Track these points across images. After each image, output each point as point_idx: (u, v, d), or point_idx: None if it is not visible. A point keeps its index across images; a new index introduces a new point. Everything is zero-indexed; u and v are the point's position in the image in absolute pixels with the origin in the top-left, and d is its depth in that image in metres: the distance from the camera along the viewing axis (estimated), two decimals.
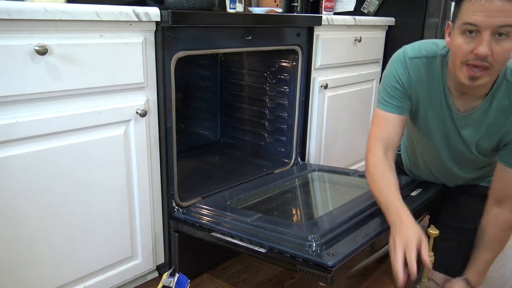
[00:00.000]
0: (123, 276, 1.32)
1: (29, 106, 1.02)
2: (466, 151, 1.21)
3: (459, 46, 0.98)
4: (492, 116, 1.11)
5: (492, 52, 0.94)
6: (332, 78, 1.83)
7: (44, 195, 1.08)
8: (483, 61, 0.95)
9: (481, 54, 0.94)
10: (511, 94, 1.07)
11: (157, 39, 1.21)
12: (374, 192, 1.18)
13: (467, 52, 0.96)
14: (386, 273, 1.53)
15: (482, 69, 0.96)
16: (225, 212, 1.28)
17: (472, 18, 0.93)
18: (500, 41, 0.93)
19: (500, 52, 0.94)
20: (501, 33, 0.93)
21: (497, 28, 0.92)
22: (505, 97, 1.07)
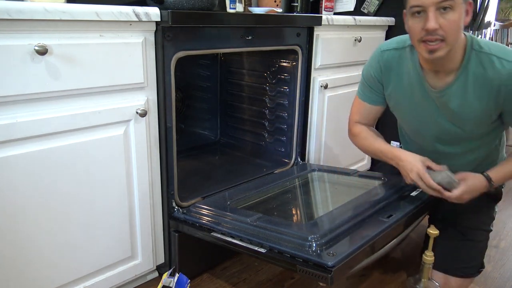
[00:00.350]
0: (123, 276, 1.32)
1: (29, 106, 1.02)
2: (455, 128, 1.23)
3: (412, 27, 1.09)
4: (471, 86, 1.15)
5: (441, 25, 1.04)
6: (332, 78, 1.83)
7: (44, 195, 1.08)
8: (435, 35, 1.05)
9: (430, 29, 1.04)
10: (483, 61, 1.12)
11: (157, 39, 1.21)
12: (365, 148, 1.40)
13: (419, 30, 1.07)
14: (386, 273, 1.53)
15: (437, 42, 1.06)
16: (225, 212, 1.28)
17: (416, 0, 1.05)
18: (445, 14, 1.03)
19: (448, 24, 1.04)
20: (445, 7, 1.03)
21: (439, 4, 1.02)
22: (479, 66, 1.13)
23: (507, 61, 1.09)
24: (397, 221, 1.18)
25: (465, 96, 1.16)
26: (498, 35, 3.75)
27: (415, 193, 1.35)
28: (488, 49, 1.12)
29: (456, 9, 1.03)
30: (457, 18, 1.04)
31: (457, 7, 1.04)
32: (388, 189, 1.38)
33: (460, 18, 1.05)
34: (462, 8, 1.05)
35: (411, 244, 1.72)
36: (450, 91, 1.17)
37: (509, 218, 1.96)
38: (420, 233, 1.47)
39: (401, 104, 1.32)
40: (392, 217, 1.19)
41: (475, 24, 2.64)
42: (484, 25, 2.81)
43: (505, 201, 2.14)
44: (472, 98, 1.16)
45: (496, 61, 1.10)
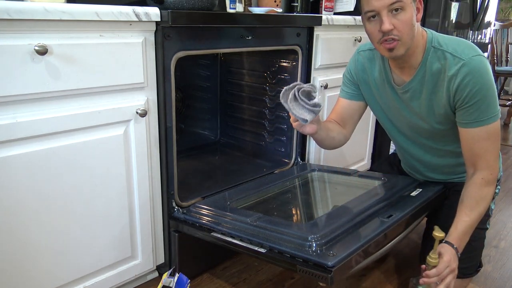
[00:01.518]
0: (123, 276, 1.32)
1: (29, 106, 1.02)
2: (423, 124, 1.27)
3: (370, 31, 1.16)
4: (429, 80, 1.20)
5: (395, 26, 1.10)
6: (332, 78, 1.83)
7: (44, 195, 1.08)
8: (390, 35, 1.12)
9: (385, 30, 1.10)
10: (440, 58, 1.17)
11: (157, 39, 1.21)
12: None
13: (377, 32, 1.13)
14: (386, 273, 1.53)
15: (394, 41, 1.12)
16: (225, 212, 1.28)
17: (369, 6, 1.11)
18: (397, 15, 1.10)
19: (401, 24, 1.10)
20: (396, 8, 1.09)
21: (390, 6, 1.09)
22: (436, 61, 1.18)
23: (459, 58, 1.13)
24: (397, 221, 1.18)
25: (424, 92, 1.22)
26: (498, 35, 3.74)
27: (415, 193, 1.35)
28: (445, 46, 1.17)
29: (406, 9, 1.10)
30: (408, 17, 1.10)
31: (407, 7, 1.10)
32: (388, 189, 1.38)
33: (411, 16, 1.11)
34: (412, 7, 1.11)
35: (411, 245, 1.72)
36: (410, 87, 1.23)
37: (509, 218, 1.96)
38: (420, 233, 1.47)
39: (375, 103, 1.39)
40: (392, 217, 1.19)
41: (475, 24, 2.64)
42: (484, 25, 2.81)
43: (505, 201, 2.14)
44: (430, 94, 1.21)
45: (450, 57, 1.15)
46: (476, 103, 1.13)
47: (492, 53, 3.63)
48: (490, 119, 1.15)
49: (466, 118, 1.17)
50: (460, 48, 1.15)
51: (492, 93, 1.14)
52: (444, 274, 1.12)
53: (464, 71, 1.12)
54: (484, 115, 1.14)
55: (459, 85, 1.13)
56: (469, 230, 1.20)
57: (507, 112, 3.73)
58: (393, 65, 1.26)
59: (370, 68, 1.34)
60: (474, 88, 1.12)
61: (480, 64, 1.12)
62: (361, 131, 2.09)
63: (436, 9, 2.15)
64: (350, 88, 1.42)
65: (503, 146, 3.08)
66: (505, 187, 2.32)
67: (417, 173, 1.47)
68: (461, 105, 1.16)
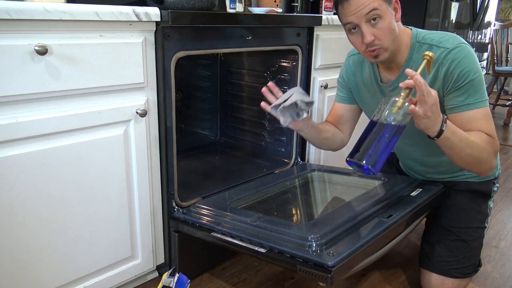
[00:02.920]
0: (123, 276, 1.32)
1: (29, 106, 1.02)
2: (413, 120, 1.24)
3: (353, 42, 1.20)
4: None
5: (375, 36, 1.12)
6: (332, 78, 1.83)
7: (44, 195, 1.08)
8: (373, 46, 1.14)
9: (368, 42, 1.13)
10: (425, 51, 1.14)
11: (157, 39, 1.21)
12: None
13: (360, 44, 1.16)
14: (386, 273, 1.53)
15: (376, 49, 1.15)
16: (225, 212, 1.28)
17: (347, 18, 1.14)
18: (376, 24, 1.11)
19: (381, 32, 1.12)
20: (374, 18, 1.10)
21: (367, 16, 1.10)
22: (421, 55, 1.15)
23: (443, 48, 1.15)
24: (397, 221, 1.18)
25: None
26: (498, 35, 3.74)
27: (415, 193, 1.35)
28: (430, 40, 1.19)
29: (383, 16, 1.11)
30: (387, 24, 1.12)
31: (384, 14, 1.11)
32: (388, 189, 1.38)
33: (389, 22, 1.12)
34: (389, 12, 1.12)
35: (410, 245, 1.72)
36: (397, 84, 1.22)
37: (509, 218, 1.96)
38: (420, 233, 1.47)
39: (366, 106, 1.40)
40: (392, 217, 1.19)
41: (475, 24, 2.64)
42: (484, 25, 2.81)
43: (505, 201, 2.14)
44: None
45: (435, 49, 1.17)
46: (464, 86, 1.13)
47: (492, 53, 3.63)
48: (480, 103, 1.14)
49: (456, 101, 1.16)
50: (444, 39, 1.17)
51: (480, 78, 1.14)
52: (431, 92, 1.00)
53: (450, 58, 1.14)
54: (473, 98, 1.14)
55: (447, 71, 1.14)
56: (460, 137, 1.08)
57: (507, 112, 3.72)
58: (380, 65, 1.29)
59: (360, 71, 1.36)
60: (462, 71, 1.13)
61: (465, 50, 1.14)
62: (360, 131, 2.09)
63: (436, 9, 2.15)
64: (343, 92, 1.44)
65: (503, 146, 3.08)
66: (505, 187, 2.32)
67: (415, 172, 1.47)
68: (450, 90, 1.16)
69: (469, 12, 2.54)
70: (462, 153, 1.11)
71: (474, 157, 1.12)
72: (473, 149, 1.10)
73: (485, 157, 1.13)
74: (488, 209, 1.38)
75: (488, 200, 1.38)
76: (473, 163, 1.15)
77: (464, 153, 1.11)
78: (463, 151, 1.10)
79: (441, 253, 1.31)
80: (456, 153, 1.11)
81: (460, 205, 1.33)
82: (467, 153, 1.11)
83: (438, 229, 1.35)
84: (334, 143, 1.43)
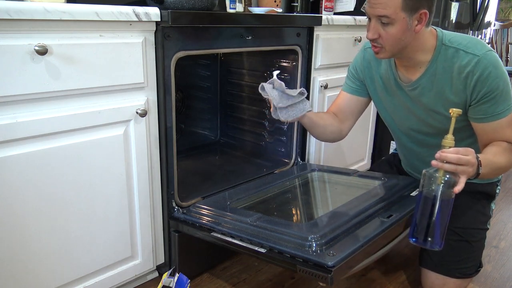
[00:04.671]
0: (123, 276, 1.32)
1: (29, 106, 1.02)
2: (432, 120, 1.26)
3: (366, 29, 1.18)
4: (440, 79, 1.19)
5: (380, 35, 1.12)
6: (332, 78, 1.83)
7: (44, 195, 1.08)
8: (374, 42, 1.15)
9: (368, 38, 1.15)
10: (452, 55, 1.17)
11: (157, 39, 1.21)
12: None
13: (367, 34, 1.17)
14: (386, 273, 1.53)
15: (378, 47, 1.15)
16: (225, 212, 1.28)
17: (366, 8, 1.14)
18: (385, 26, 1.11)
19: (386, 35, 1.12)
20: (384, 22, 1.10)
21: (378, 17, 1.10)
22: (447, 59, 1.18)
23: (472, 54, 1.14)
24: (397, 221, 1.18)
25: (434, 89, 1.21)
26: (498, 35, 3.74)
27: (415, 193, 1.35)
28: (457, 43, 1.17)
29: (395, 23, 1.09)
30: (394, 32, 1.11)
31: (397, 21, 1.09)
32: (388, 189, 1.38)
33: (399, 31, 1.10)
34: (404, 21, 1.09)
35: (411, 245, 1.71)
36: (419, 84, 1.23)
37: (509, 218, 1.96)
38: None
39: (379, 101, 1.39)
40: (392, 217, 1.19)
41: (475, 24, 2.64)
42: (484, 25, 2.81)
43: (505, 201, 2.14)
44: (441, 91, 1.20)
45: (463, 54, 1.15)
46: (495, 97, 1.13)
47: None
48: (508, 110, 1.15)
49: (484, 113, 1.16)
50: (471, 44, 1.16)
51: (509, 86, 1.15)
52: (463, 158, 1.00)
53: (481, 67, 1.12)
54: (502, 107, 1.14)
55: (478, 80, 1.13)
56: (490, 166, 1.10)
57: None
58: (398, 63, 1.27)
59: (376, 66, 1.34)
60: (493, 82, 1.12)
61: (494, 58, 1.13)
62: (361, 131, 2.09)
63: (436, 9, 2.14)
64: (354, 83, 1.41)
65: None
66: (505, 187, 2.32)
67: (420, 174, 1.47)
68: (480, 100, 1.15)
69: (469, 12, 2.54)
70: (492, 175, 1.15)
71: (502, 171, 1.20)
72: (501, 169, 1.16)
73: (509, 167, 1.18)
74: (491, 211, 1.38)
75: (491, 202, 1.38)
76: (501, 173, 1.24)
77: (493, 175, 1.16)
78: (493, 174, 1.15)
79: (444, 252, 1.31)
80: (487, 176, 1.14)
81: (465, 205, 1.33)
82: (497, 173, 1.17)
83: None
84: (332, 133, 1.39)
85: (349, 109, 1.41)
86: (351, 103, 1.41)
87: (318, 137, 1.42)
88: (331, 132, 1.38)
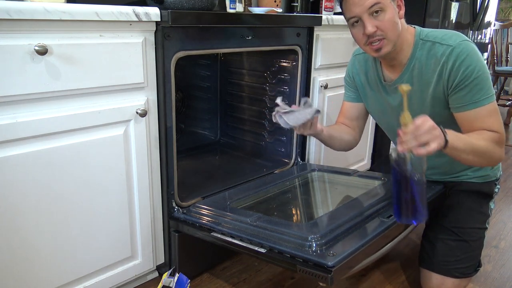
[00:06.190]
0: (123, 276, 1.32)
1: (29, 106, 1.02)
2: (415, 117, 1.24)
3: (355, 35, 1.20)
4: (419, 74, 1.22)
5: (378, 27, 1.14)
6: (332, 78, 1.83)
7: (44, 195, 1.08)
8: (375, 36, 1.15)
9: (369, 33, 1.14)
10: (428, 49, 1.19)
11: (157, 39, 1.21)
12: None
13: (361, 36, 1.17)
14: (386, 273, 1.53)
15: (379, 41, 1.16)
16: (225, 212, 1.28)
17: (350, 12, 1.16)
18: (378, 16, 1.13)
19: (383, 24, 1.14)
20: (377, 10, 1.12)
21: (369, 10, 1.12)
22: (425, 53, 1.20)
23: (447, 45, 1.16)
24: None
25: (415, 84, 1.23)
26: (498, 35, 3.74)
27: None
28: (433, 37, 1.20)
29: (386, 9, 1.13)
30: (390, 16, 1.13)
31: (387, 7, 1.13)
32: (388, 189, 1.38)
33: (392, 15, 1.14)
34: (392, 6, 1.14)
35: (411, 245, 1.72)
36: (400, 82, 1.24)
37: (509, 218, 1.96)
38: (420, 233, 1.47)
39: (371, 104, 1.42)
40: (392, 217, 1.19)
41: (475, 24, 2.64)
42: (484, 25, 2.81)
43: (505, 201, 2.14)
44: (421, 85, 1.22)
45: (438, 46, 1.18)
46: (470, 84, 1.14)
47: (492, 53, 3.63)
48: (487, 99, 1.15)
49: (462, 101, 1.16)
50: (447, 36, 1.18)
51: (485, 74, 1.14)
52: (422, 129, 0.98)
53: (454, 55, 1.14)
54: (479, 96, 1.14)
55: (452, 69, 1.15)
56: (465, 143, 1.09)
57: (507, 112, 3.72)
58: (383, 64, 1.30)
59: (365, 70, 1.38)
60: (467, 69, 1.13)
61: (468, 47, 1.14)
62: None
63: (436, 9, 2.15)
64: (351, 91, 1.45)
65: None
66: (505, 187, 2.32)
67: None
68: (455, 88, 1.16)
69: (469, 12, 2.54)
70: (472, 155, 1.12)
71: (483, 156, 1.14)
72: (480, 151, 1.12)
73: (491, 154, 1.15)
74: (489, 210, 1.38)
75: (490, 201, 1.38)
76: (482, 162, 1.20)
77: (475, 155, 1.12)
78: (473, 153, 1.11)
79: (442, 252, 1.31)
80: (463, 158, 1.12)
81: (462, 205, 1.33)
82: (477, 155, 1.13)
83: (439, 229, 1.35)
84: (349, 142, 1.45)
85: (355, 116, 1.46)
86: (355, 110, 1.46)
87: (338, 148, 1.46)
88: (348, 140, 1.44)
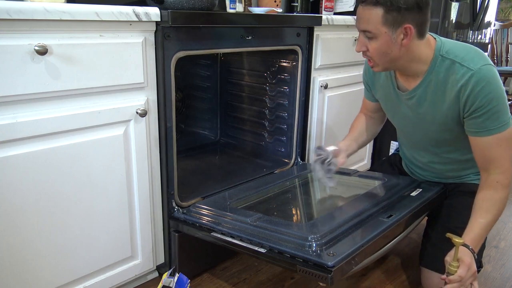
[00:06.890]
0: (123, 276, 1.32)
1: (29, 106, 1.02)
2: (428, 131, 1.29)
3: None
4: (436, 89, 1.20)
5: (368, 49, 1.15)
6: (332, 78, 1.83)
7: (44, 195, 1.08)
8: (365, 56, 1.18)
9: (357, 51, 1.18)
10: (448, 67, 1.17)
11: (157, 39, 1.21)
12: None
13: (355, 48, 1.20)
14: (386, 273, 1.53)
15: (371, 61, 1.18)
16: (225, 212, 1.28)
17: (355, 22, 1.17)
18: (371, 40, 1.13)
19: (372, 49, 1.14)
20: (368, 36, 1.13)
21: (363, 31, 1.13)
22: (443, 71, 1.18)
23: (467, 68, 1.13)
24: (397, 221, 1.18)
25: (429, 99, 1.22)
26: (498, 35, 3.74)
27: (415, 193, 1.35)
28: (453, 55, 1.16)
29: (378, 38, 1.11)
30: (378, 46, 1.13)
31: (379, 36, 1.11)
32: (388, 189, 1.38)
33: (382, 45, 1.12)
34: (387, 36, 1.11)
35: (411, 245, 1.72)
36: (415, 94, 1.24)
37: (509, 218, 1.96)
38: (420, 233, 1.47)
39: (384, 104, 1.43)
40: (392, 217, 1.19)
41: (475, 24, 2.64)
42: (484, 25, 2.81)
43: None
44: (436, 102, 1.21)
45: (458, 67, 1.14)
46: (486, 113, 1.12)
47: (492, 53, 3.63)
48: (501, 127, 1.14)
49: (476, 127, 1.16)
50: (468, 57, 1.14)
51: (503, 102, 1.13)
52: (467, 278, 1.09)
53: (474, 81, 1.11)
54: (495, 124, 1.13)
55: (469, 95, 1.13)
56: (484, 233, 1.18)
57: None
58: (397, 72, 1.29)
59: (378, 74, 1.37)
60: (485, 98, 1.11)
61: (489, 74, 1.11)
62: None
63: (436, 9, 2.15)
64: (366, 89, 1.49)
65: None
66: None
67: (420, 175, 1.47)
68: (471, 114, 1.15)
69: (469, 12, 2.54)
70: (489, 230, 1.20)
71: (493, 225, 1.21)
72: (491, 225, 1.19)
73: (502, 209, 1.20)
74: None
75: None
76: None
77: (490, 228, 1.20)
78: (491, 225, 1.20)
79: (444, 253, 1.31)
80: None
81: (465, 206, 1.33)
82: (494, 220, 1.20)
83: (441, 229, 1.34)
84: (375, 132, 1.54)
85: (375, 109, 1.50)
86: (374, 106, 1.50)
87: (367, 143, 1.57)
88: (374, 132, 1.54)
